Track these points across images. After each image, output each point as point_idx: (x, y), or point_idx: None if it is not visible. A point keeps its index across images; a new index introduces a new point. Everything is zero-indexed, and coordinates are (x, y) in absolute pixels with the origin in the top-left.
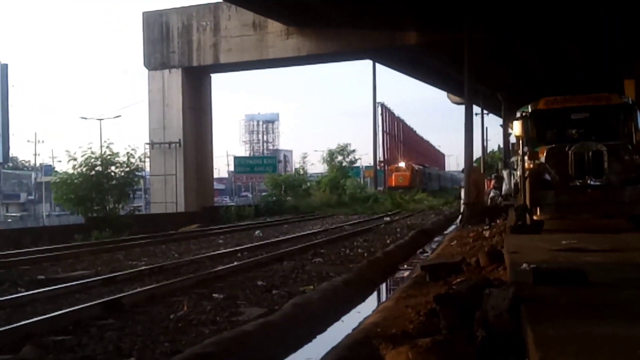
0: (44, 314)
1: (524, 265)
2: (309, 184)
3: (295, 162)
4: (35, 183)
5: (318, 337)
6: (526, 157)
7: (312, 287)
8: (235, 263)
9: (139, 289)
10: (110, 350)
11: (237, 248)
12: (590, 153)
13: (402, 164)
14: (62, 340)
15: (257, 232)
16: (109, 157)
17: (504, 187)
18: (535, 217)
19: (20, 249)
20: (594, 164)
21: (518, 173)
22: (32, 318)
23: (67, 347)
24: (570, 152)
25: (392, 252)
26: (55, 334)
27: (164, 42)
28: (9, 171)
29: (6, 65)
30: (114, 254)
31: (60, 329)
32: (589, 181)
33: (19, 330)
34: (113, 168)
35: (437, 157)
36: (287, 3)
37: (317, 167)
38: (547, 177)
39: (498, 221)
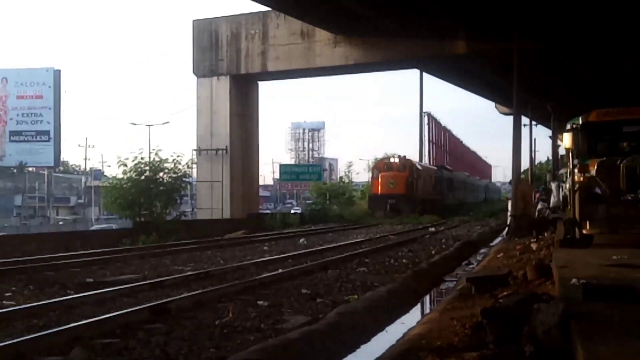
0: (93, 317)
1: (574, 280)
2: (353, 192)
3: (340, 171)
4: (85, 187)
5: (362, 347)
6: (576, 170)
7: (356, 296)
8: (280, 270)
9: (185, 294)
10: (157, 355)
11: (282, 256)
12: None
13: (394, 159)
14: (110, 343)
15: (301, 240)
16: (157, 163)
17: (552, 199)
18: (584, 231)
19: (70, 251)
20: None
21: (567, 186)
22: (81, 320)
23: (115, 350)
24: (622, 165)
25: (437, 263)
26: (103, 336)
27: (213, 50)
28: (60, 175)
29: (59, 71)
30: (160, 259)
31: (109, 332)
32: None
33: (69, 332)
34: (161, 174)
35: (484, 168)
36: (336, 12)
37: (362, 175)
38: (598, 190)
39: (546, 234)
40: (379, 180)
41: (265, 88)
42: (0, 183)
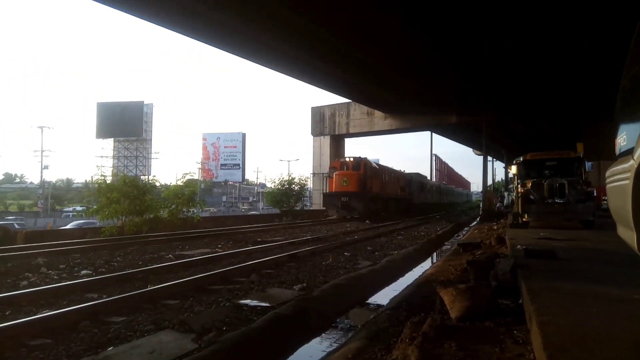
0: (261, 259)
1: (519, 246)
2: None
3: None
4: (256, 192)
5: (399, 279)
6: (519, 186)
7: (397, 251)
8: (355, 237)
9: (307, 248)
10: (293, 279)
11: (356, 229)
12: (557, 184)
13: (348, 158)
14: (269, 272)
15: (366, 221)
16: (291, 180)
17: (505, 201)
18: (524, 219)
19: (249, 224)
20: (559, 190)
21: (514, 194)
22: (254, 260)
23: (272, 276)
24: (545, 183)
25: (440, 235)
26: (266, 268)
27: (321, 122)
28: (245, 185)
29: (245, 134)
30: (293, 230)
31: (268, 266)
32: (556, 200)
33: (249, 266)
34: (293, 186)
35: (465, 184)
36: (385, 102)
37: None
38: (532, 197)
39: (501, 220)
40: (334, 178)
41: (348, 141)
42: (217, 189)
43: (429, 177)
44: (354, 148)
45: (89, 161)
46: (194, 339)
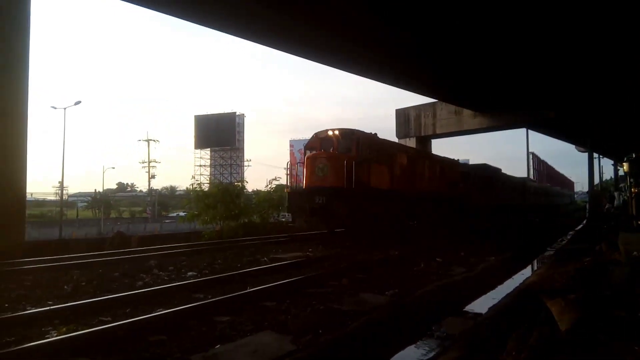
0: (350, 262)
1: (635, 252)
2: None
3: None
4: None
5: (498, 287)
6: (633, 186)
7: (493, 257)
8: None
9: (395, 252)
10: (384, 284)
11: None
12: None
13: (332, 132)
14: (360, 277)
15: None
16: None
17: (615, 202)
18: (639, 222)
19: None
20: None
21: (627, 194)
22: (344, 264)
23: (363, 280)
24: None
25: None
26: (357, 272)
27: (406, 123)
28: None
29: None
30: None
31: (359, 271)
32: None
33: (340, 270)
34: None
35: (568, 184)
36: (475, 99)
37: None
38: None
39: (612, 224)
40: (305, 164)
41: (435, 142)
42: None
43: (529, 176)
44: (441, 149)
45: (190, 170)
46: (292, 341)
